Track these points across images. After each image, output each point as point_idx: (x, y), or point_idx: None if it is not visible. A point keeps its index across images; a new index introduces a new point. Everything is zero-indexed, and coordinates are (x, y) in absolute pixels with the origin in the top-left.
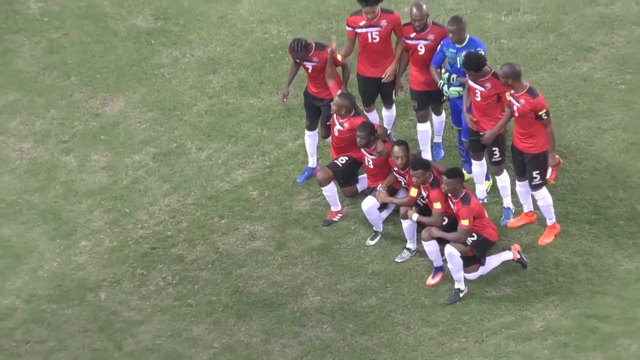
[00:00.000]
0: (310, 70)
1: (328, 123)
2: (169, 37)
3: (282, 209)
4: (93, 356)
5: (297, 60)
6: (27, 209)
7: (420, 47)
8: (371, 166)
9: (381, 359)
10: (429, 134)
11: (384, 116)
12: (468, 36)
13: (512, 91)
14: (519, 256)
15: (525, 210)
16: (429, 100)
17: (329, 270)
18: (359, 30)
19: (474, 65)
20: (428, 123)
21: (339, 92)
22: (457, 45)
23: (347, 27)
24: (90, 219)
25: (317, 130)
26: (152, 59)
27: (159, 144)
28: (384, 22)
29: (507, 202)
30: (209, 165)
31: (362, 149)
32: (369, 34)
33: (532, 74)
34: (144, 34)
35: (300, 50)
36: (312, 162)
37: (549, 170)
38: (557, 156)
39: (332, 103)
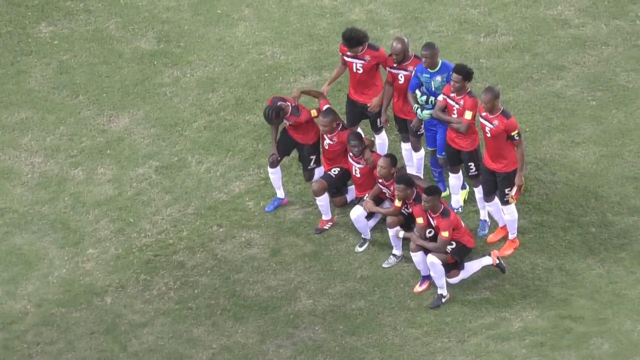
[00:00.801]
0: (291, 124)
1: (309, 167)
2: (171, 58)
3: (276, 218)
4: (100, 357)
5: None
6: (38, 219)
7: (400, 77)
8: (358, 175)
9: (369, 358)
10: (412, 151)
11: (377, 144)
12: (440, 61)
13: (484, 113)
14: (497, 261)
15: (500, 224)
16: (404, 125)
17: (320, 275)
18: (346, 58)
19: (467, 72)
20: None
21: (322, 111)
22: (430, 70)
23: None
24: (97, 228)
25: (279, 167)
26: (154, 78)
27: (161, 158)
28: (367, 57)
29: (484, 214)
30: (207, 177)
31: (350, 159)
32: (354, 64)
33: (509, 91)
34: (147, 56)
35: (273, 118)
36: (280, 193)
37: (514, 189)
38: (522, 177)
39: (320, 124)
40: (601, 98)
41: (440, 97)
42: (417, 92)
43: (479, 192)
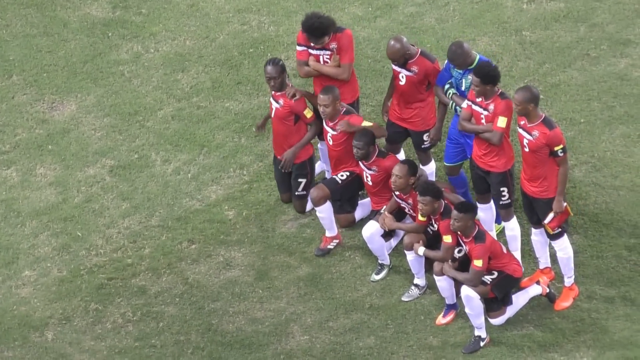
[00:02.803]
0: (279, 107)
1: (297, 192)
2: (130, 29)
3: (263, 232)
4: None
5: (269, 81)
6: None
7: (402, 77)
8: (370, 183)
9: None
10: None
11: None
12: (478, 56)
13: (522, 122)
14: (548, 290)
15: (541, 265)
16: (402, 136)
17: (319, 304)
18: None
19: (485, 74)
20: (401, 155)
21: (322, 88)
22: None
23: None
24: (35, 244)
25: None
26: (109, 54)
27: (118, 156)
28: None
29: (516, 255)
30: (176, 180)
31: (360, 163)
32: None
33: (559, 72)
34: (99, 25)
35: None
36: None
37: (549, 216)
38: (565, 203)
39: (319, 104)
40: None
41: (464, 104)
42: (447, 85)
43: (509, 229)
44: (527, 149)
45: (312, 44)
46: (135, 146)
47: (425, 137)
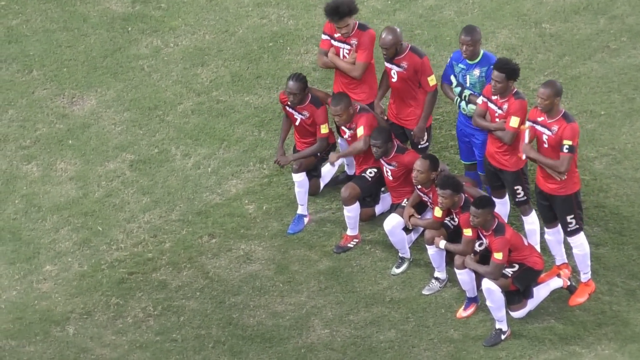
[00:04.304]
0: (297, 124)
1: (314, 173)
2: (149, 23)
3: (283, 226)
4: None
5: (288, 105)
6: None
7: (394, 74)
8: (390, 178)
9: None
10: None
11: None
12: (482, 51)
13: (540, 118)
14: (569, 282)
15: (558, 262)
16: (404, 136)
17: (339, 298)
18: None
19: (510, 69)
20: None
21: (332, 98)
22: (468, 61)
23: None
24: (55, 238)
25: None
26: (129, 49)
27: (138, 150)
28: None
29: (537, 248)
30: (196, 174)
31: (381, 159)
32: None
33: (579, 64)
34: (119, 20)
35: (298, 86)
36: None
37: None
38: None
39: (333, 115)
40: None
41: (480, 100)
42: (452, 79)
43: (528, 223)
44: (546, 145)
45: (335, 35)
46: (155, 140)
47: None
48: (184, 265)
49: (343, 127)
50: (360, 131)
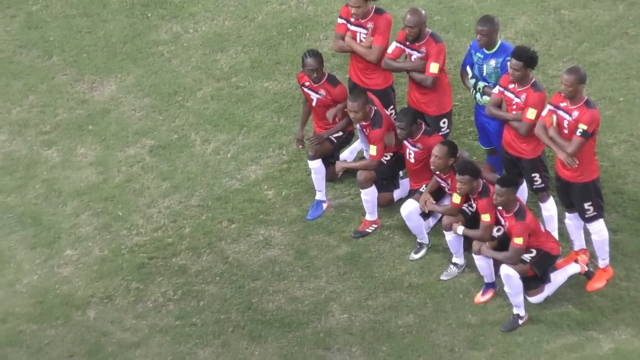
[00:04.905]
0: (314, 104)
1: (331, 160)
2: (169, 9)
3: (302, 211)
4: None
5: (305, 85)
6: (2, 212)
7: (414, 59)
8: (412, 160)
9: None
10: None
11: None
12: (500, 41)
13: (562, 104)
14: (586, 268)
15: (576, 247)
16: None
17: (358, 283)
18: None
19: (529, 57)
20: None
21: (350, 95)
22: (485, 50)
23: None
24: (76, 223)
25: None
26: (148, 34)
27: (157, 136)
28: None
29: (554, 235)
30: (216, 160)
31: (405, 141)
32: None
33: (598, 50)
34: (138, 6)
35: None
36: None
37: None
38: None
39: (349, 111)
40: None
41: (496, 90)
42: (468, 69)
43: (546, 209)
44: (566, 131)
45: (352, 20)
46: (175, 126)
47: (442, 123)
48: (204, 250)
49: (360, 126)
50: (373, 151)
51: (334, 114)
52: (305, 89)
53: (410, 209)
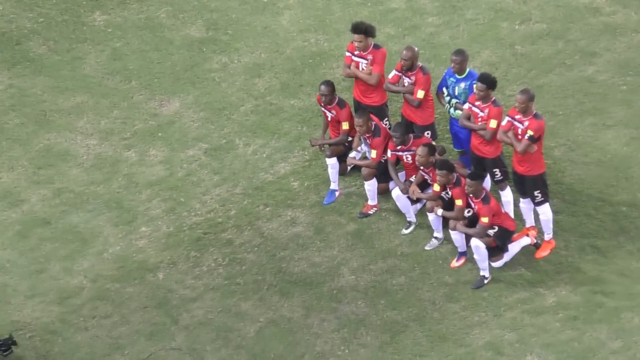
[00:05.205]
0: (329, 119)
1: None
2: (219, 45)
3: (320, 198)
4: (152, 330)
5: (322, 104)
6: (93, 199)
7: (406, 83)
8: (409, 160)
9: (409, 331)
10: None
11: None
12: (468, 69)
13: (517, 116)
14: (535, 240)
15: (527, 225)
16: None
17: (362, 252)
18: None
19: (491, 81)
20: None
21: (357, 111)
22: (457, 76)
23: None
24: (149, 207)
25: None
26: (204, 64)
27: (210, 141)
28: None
29: (511, 215)
30: (254, 159)
31: (400, 151)
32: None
33: (543, 76)
34: (196, 43)
35: (328, 89)
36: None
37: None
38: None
39: (355, 125)
40: (631, 83)
41: (466, 106)
42: (444, 90)
43: (504, 196)
44: (520, 136)
45: (355, 52)
46: (224, 133)
47: (426, 133)
48: (245, 227)
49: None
50: (373, 155)
51: (351, 163)
52: (322, 108)
53: (398, 192)
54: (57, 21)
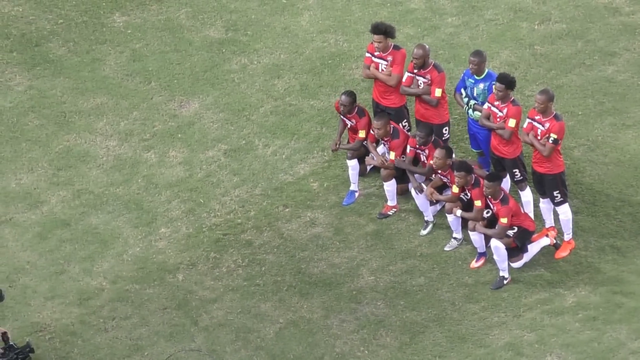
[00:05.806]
0: (349, 127)
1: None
2: (239, 46)
3: (339, 199)
4: (172, 331)
5: (341, 112)
6: (113, 200)
7: (420, 83)
8: (426, 161)
9: (429, 332)
10: None
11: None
12: (487, 70)
13: (537, 117)
14: (555, 241)
15: (547, 225)
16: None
17: (382, 253)
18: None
19: (509, 81)
20: None
21: (376, 115)
22: (475, 77)
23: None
24: (168, 208)
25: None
26: (223, 65)
27: (230, 141)
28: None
29: (530, 216)
30: (274, 160)
31: (419, 150)
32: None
33: (562, 76)
34: (216, 44)
35: (348, 99)
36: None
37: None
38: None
39: (374, 128)
40: None
41: (486, 106)
42: (463, 91)
43: (524, 196)
44: (539, 137)
45: (375, 53)
46: (243, 134)
47: (444, 130)
48: (265, 228)
49: (382, 142)
50: (392, 156)
51: (369, 163)
52: (342, 116)
53: None
54: (77, 22)
